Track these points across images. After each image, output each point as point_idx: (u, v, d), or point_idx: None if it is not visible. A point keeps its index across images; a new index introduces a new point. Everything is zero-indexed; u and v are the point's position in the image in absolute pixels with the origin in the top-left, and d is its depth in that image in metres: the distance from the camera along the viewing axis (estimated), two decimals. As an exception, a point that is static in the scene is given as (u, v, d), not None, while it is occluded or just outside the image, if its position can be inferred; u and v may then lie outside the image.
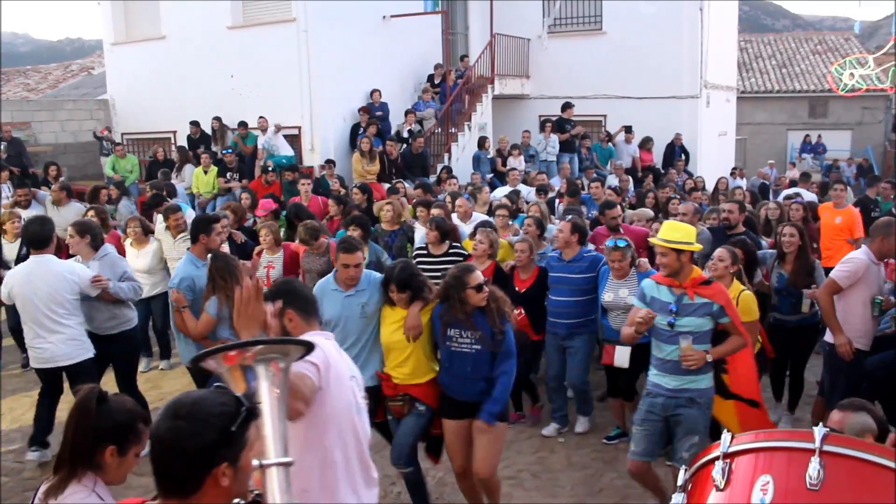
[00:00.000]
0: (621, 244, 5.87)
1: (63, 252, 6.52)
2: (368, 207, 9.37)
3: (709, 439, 4.46)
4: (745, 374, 4.85)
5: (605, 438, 6.23)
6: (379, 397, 4.73)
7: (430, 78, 15.64)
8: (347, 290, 4.78)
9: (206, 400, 1.85)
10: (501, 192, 10.96)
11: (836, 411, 3.26)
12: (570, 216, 6.67)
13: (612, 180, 12.87)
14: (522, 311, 6.10)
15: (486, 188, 10.64)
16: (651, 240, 5.30)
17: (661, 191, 10.60)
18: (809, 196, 11.15)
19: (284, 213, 8.94)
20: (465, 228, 7.80)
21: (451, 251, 6.63)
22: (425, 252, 6.71)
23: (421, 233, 7.86)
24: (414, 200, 9.12)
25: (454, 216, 8.22)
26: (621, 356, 5.74)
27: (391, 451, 4.78)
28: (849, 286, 5.41)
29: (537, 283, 6.29)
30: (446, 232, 6.73)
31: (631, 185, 12.56)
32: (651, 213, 8.63)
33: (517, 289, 6.27)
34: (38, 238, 5.56)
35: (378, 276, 4.93)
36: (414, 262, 6.27)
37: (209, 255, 5.72)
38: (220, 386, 2.04)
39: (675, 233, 4.44)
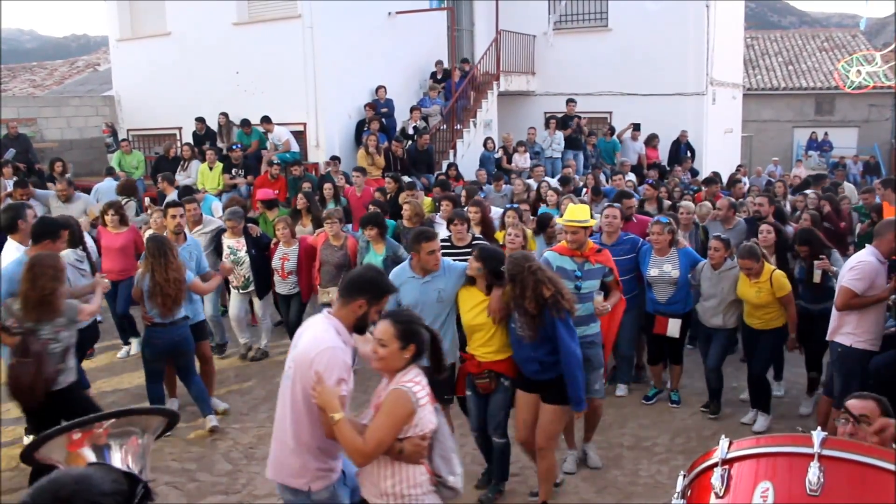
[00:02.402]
0: (664, 220, 6.63)
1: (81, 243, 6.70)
2: (396, 197, 9.76)
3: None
4: (610, 325, 5.72)
5: (644, 398, 7.01)
6: (455, 373, 5.19)
7: (433, 75, 15.62)
8: (424, 276, 5.11)
9: (93, 477, 1.44)
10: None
11: (855, 400, 3.26)
12: (615, 204, 7.25)
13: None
14: None
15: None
16: (559, 220, 5.83)
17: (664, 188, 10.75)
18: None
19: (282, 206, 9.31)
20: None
21: (474, 242, 6.80)
22: (449, 244, 6.89)
23: (442, 228, 7.99)
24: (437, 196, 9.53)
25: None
26: (673, 327, 6.62)
27: (488, 424, 5.11)
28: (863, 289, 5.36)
29: None
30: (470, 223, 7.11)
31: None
32: (692, 205, 8.85)
33: None
34: (4, 224, 5.80)
35: (451, 262, 5.28)
36: None
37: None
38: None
39: (580, 214, 5.38)
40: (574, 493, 5.39)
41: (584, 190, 10.70)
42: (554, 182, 11.25)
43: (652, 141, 15.59)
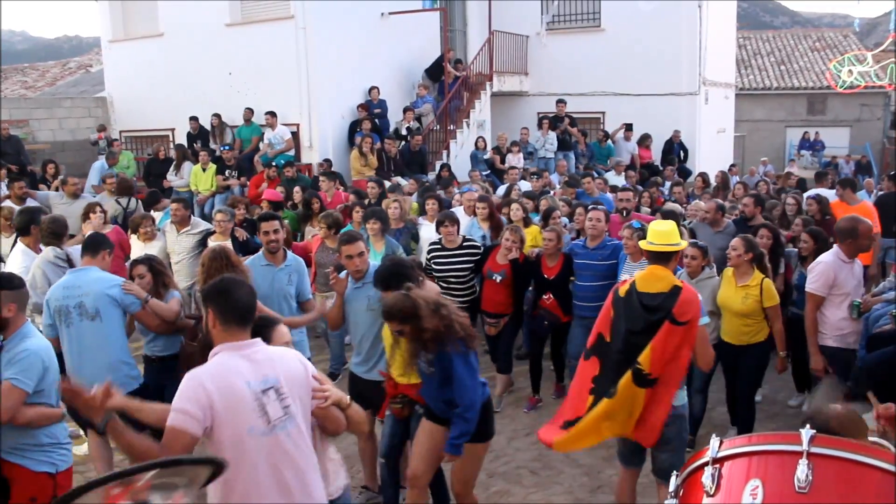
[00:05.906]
0: (635, 225, 6.34)
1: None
2: (379, 201, 9.29)
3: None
4: None
5: None
6: (383, 394, 4.57)
7: (439, 66, 15.46)
8: (356, 282, 4.81)
9: None
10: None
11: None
12: (599, 206, 7.01)
13: (616, 179, 12.84)
14: (552, 296, 6.69)
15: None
16: (665, 248, 4.28)
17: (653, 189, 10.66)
18: (829, 194, 10.69)
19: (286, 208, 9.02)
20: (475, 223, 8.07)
21: (464, 244, 6.85)
22: (439, 247, 6.87)
23: (427, 230, 7.90)
24: (418, 195, 9.33)
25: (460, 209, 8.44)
26: None
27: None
28: (829, 291, 5.37)
29: (563, 269, 6.68)
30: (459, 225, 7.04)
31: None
32: (702, 204, 8.55)
33: (545, 276, 6.74)
34: (19, 226, 5.85)
35: None
36: (429, 256, 6.88)
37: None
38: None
39: (677, 235, 4.32)
40: (569, 493, 5.40)
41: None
42: (526, 185, 10.97)
43: (645, 141, 15.61)
